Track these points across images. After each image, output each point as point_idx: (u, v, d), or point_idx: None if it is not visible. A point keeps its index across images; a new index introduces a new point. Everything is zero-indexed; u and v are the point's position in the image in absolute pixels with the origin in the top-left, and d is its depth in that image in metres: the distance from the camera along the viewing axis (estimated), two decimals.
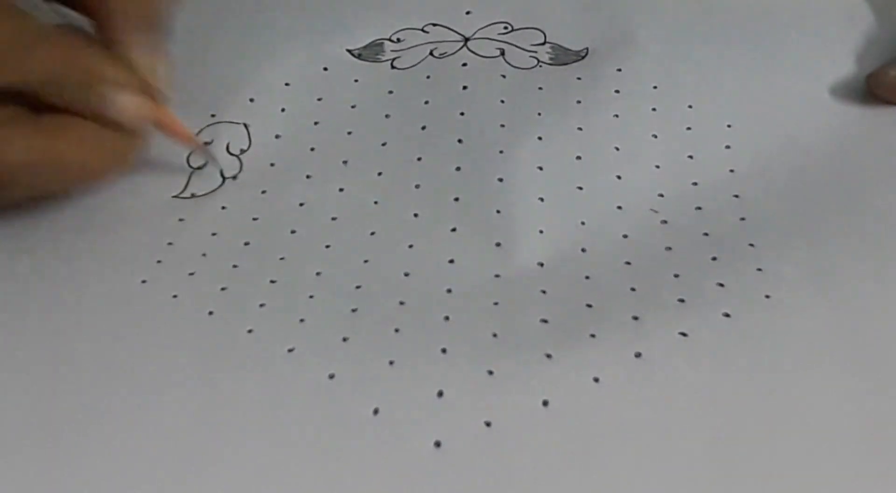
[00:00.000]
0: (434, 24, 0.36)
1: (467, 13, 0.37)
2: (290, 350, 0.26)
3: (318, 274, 0.28)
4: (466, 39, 0.36)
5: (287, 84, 0.34)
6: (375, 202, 0.30)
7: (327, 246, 0.29)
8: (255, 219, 0.30)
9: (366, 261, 0.28)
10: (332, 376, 0.25)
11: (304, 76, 0.34)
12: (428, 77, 0.34)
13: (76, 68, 0.27)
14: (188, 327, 0.26)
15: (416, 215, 0.30)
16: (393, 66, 0.35)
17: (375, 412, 0.24)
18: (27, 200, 0.29)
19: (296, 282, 0.28)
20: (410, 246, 0.29)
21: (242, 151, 0.32)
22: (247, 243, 0.29)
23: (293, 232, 0.29)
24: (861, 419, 0.23)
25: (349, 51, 0.36)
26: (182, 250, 0.29)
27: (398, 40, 0.36)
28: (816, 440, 0.23)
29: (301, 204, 0.30)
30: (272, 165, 0.32)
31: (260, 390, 0.25)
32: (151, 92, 0.29)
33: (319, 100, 0.34)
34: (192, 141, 0.31)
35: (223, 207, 0.30)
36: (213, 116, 0.33)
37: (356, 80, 0.34)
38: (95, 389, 0.25)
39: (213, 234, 0.29)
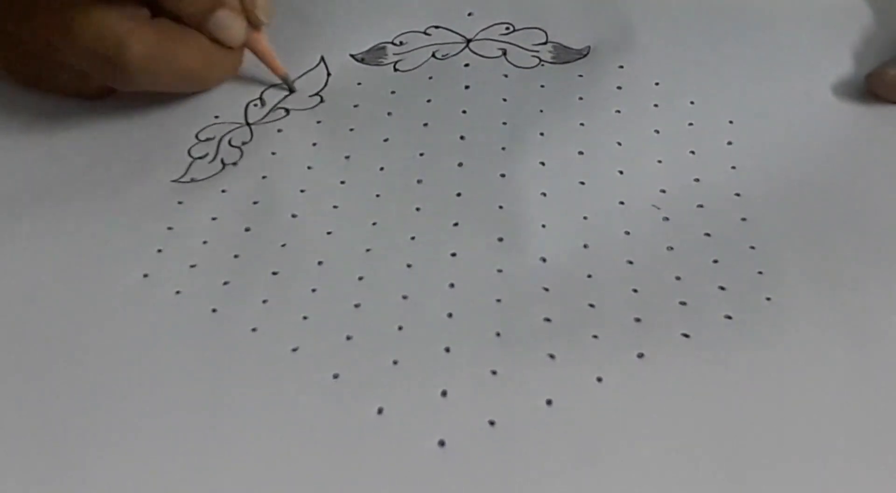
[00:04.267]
0: (436, 27, 0.37)
1: (469, 15, 0.37)
2: (293, 350, 0.26)
3: (319, 263, 0.28)
4: (468, 40, 0.36)
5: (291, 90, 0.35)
6: (377, 195, 0.30)
7: (328, 233, 0.29)
8: (255, 203, 0.30)
9: (368, 250, 0.28)
10: (336, 376, 0.25)
11: (307, 81, 0.35)
12: (430, 78, 0.34)
13: None
14: (192, 327, 0.26)
15: (417, 209, 0.30)
16: (396, 69, 0.35)
17: (380, 411, 0.24)
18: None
19: (298, 274, 0.28)
20: (412, 238, 0.29)
21: (244, 143, 0.32)
22: (247, 229, 0.29)
23: (294, 216, 0.30)
24: (864, 421, 0.23)
25: (352, 55, 0.36)
26: (182, 237, 0.29)
27: (400, 43, 0.36)
28: (818, 442, 0.23)
29: (302, 190, 0.31)
30: (273, 153, 0.32)
31: (265, 391, 0.25)
32: (249, 16, 0.33)
33: (322, 102, 0.34)
34: (279, 68, 0.34)
35: (223, 191, 0.31)
36: (216, 117, 0.33)
37: (359, 84, 0.35)
38: (98, 389, 0.25)
39: (214, 218, 0.30)
